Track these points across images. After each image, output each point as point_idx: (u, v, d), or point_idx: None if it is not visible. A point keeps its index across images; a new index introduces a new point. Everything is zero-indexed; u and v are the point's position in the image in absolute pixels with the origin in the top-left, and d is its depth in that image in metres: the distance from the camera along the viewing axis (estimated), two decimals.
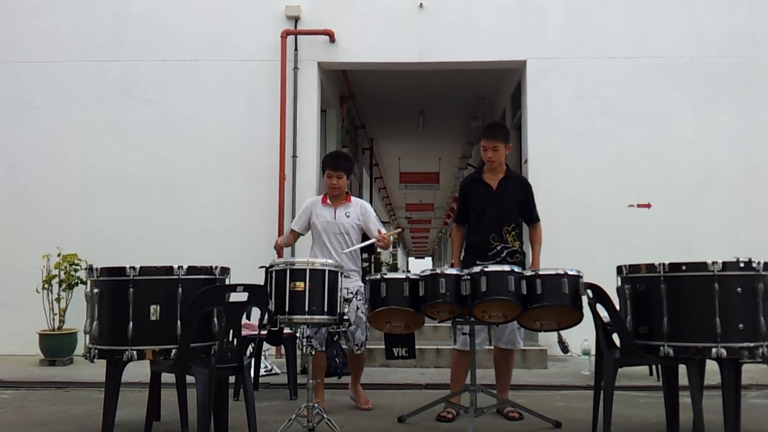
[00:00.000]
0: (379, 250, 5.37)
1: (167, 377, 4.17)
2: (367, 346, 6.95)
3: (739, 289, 3.69)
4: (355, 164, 5.35)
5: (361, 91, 11.13)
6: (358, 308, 4.87)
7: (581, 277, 4.14)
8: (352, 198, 5.19)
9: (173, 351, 3.79)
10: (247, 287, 3.95)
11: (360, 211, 5.07)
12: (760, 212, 7.68)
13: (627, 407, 5.00)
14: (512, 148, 5.18)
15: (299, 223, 5.18)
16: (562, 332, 4.34)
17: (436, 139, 14.71)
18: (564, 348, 4.48)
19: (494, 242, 4.80)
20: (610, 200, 7.76)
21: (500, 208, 4.86)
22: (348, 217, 5.02)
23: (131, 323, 3.76)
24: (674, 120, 7.87)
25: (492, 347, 4.99)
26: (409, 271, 6.13)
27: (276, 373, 6.48)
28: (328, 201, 5.09)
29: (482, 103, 11.85)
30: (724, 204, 7.72)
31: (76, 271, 7.16)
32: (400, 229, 5.64)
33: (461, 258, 5.02)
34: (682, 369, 3.93)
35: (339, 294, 4.25)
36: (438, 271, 4.25)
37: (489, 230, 4.82)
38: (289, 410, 4.50)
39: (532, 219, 5.03)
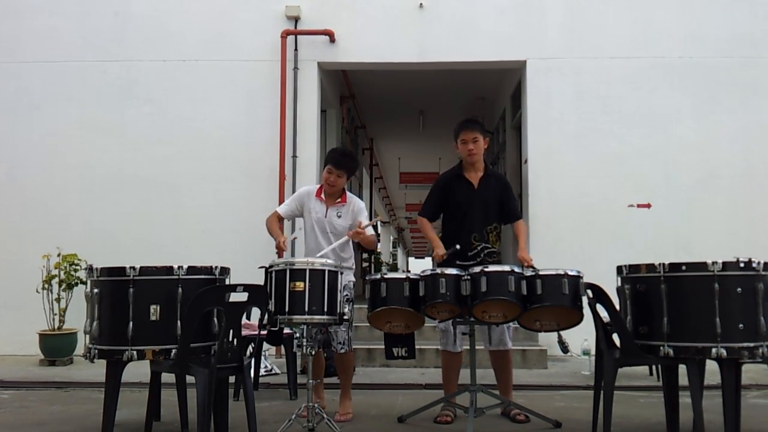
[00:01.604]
0: (374, 244, 5.17)
1: (167, 377, 4.17)
2: (367, 346, 7.04)
3: (739, 289, 3.69)
4: (358, 166, 5.09)
5: (361, 91, 11.13)
6: None
7: (581, 277, 4.14)
8: (348, 197, 4.98)
9: (173, 351, 3.79)
10: (247, 287, 3.94)
11: (353, 210, 4.90)
12: (760, 212, 7.68)
13: (627, 407, 5.00)
14: (488, 142, 5.05)
15: (287, 209, 5.02)
16: (562, 332, 4.33)
17: (436, 139, 14.69)
18: (564, 348, 4.47)
19: (476, 242, 4.75)
20: (610, 200, 7.76)
21: (484, 207, 4.81)
22: (339, 217, 4.86)
23: (131, 323, 3.76)
24: (674, 120, 7.87)
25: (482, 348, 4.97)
26: (409, 271, 6.12)
27: (276, 373, 6.47)
28: (322, 196, 4.93)
29: (482, 103, 11.85)
30: (724, 204, 7.72)
31: (76, 271, 7.16)
32: (379, 217, 5.46)
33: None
34: (682, 369, 3.93)
35: (339, 294, 4.24)
36: (438, 271, 4.24)
37: (472, 230, 4.76)
38: (289, 410, 4.50)
39: (514, 217, 4.95)
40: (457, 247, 4.64)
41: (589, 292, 4.05)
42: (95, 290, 3.88)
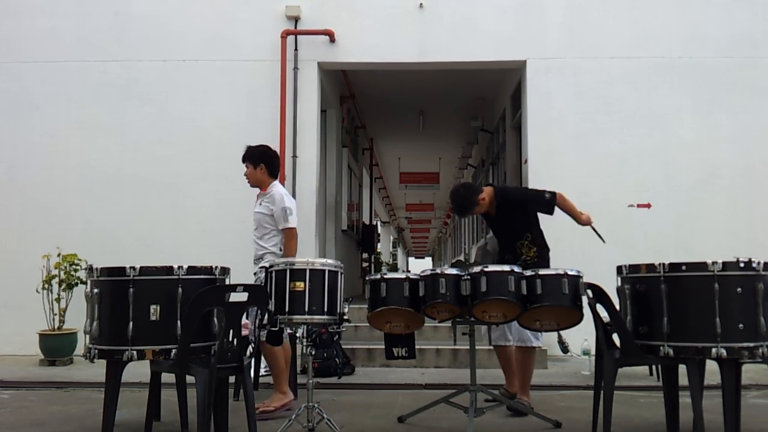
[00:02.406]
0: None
1: (167, 377, 4.17)
2: (367, 346, 7.03)
3: (739, 289, 3.69)
4: (267, 152, 5.35)
5: (361, 91, 11.14)
6: None
7: (581, 277, 4.15)
8: (269, 186, 5.19)
9: (173, 351, 3.79)
10: (247, 287, 3.95)
11: (270, 199, 5.10)
12: (760, 212, 7.68)
13: (627, 407, 5.00)
14: (490, 192, 5.10)
15: None
16: (562, 332, 4.34)
17: (436, 139, 14.71)
18: (564, 348, 4.49)
19: (508, 259, 4.92)
20: (610, 200, 7.75)
21: (506, 232, 5.06)
22: (260, 205, 5.13)
23: (131, 323, 3.76)
24: (674, 120, 7.87)
25: (492, 347, 5.00)
26: (409, 271, 6.13)
27: None
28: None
29: (482, 103, 11.85)
30: (724, 204, 7.72)
31: (76, 271, 7.16)
32: None
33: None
34: (682, 369, 3.93)
35: (339, 294, 4.25)
36: (438, 271, 4.26)
37: (503, 249, 5.02)
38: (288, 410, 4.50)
39: (545, 212, 5.14)
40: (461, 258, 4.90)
41: (589, 292, 4.06)
42: (95, 290, 3.88)
